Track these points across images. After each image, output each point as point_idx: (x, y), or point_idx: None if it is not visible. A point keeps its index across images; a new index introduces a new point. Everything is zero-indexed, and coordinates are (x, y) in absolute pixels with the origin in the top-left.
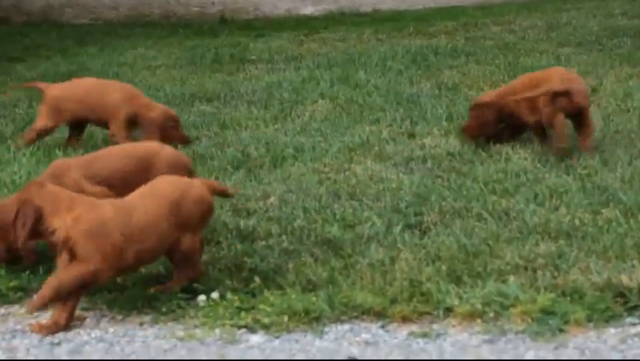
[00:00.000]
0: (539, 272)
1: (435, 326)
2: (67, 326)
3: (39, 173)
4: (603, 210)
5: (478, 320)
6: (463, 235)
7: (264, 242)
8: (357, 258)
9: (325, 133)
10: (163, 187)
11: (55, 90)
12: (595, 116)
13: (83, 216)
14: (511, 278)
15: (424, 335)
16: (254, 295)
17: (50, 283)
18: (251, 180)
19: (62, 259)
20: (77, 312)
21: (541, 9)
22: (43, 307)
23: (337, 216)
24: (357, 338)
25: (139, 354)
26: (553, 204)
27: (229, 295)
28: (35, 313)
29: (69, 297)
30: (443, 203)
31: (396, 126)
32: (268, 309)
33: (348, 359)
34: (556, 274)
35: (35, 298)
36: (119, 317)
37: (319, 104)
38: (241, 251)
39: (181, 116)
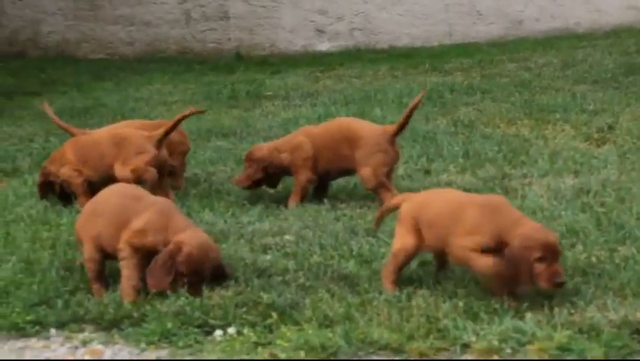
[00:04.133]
0: (556, 309)
1: None
2: None
3: (55, 207)
4: (620, 248)
5: (495, 356)
6: None
7: (280, 278)
8: (373, 294)
9: None
10: None
11: None
12: (611, 154)
13: None
14: (528, 315)
15: None
16: (271, 331)
17: None
18: (268, 216)
19: None
20: (94, 347)
21: (557, 46)
22: None
23: (354, 252)
24: None
25: None
26: (569, 242)
27: (246, 331)
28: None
29: None
30: None
31: (413, 163)
32: (285, 344)
33: None
34: (572, 311)
35: None
36: (136, 351)
37: None
38: (258, 286)
39: (197, 152)
